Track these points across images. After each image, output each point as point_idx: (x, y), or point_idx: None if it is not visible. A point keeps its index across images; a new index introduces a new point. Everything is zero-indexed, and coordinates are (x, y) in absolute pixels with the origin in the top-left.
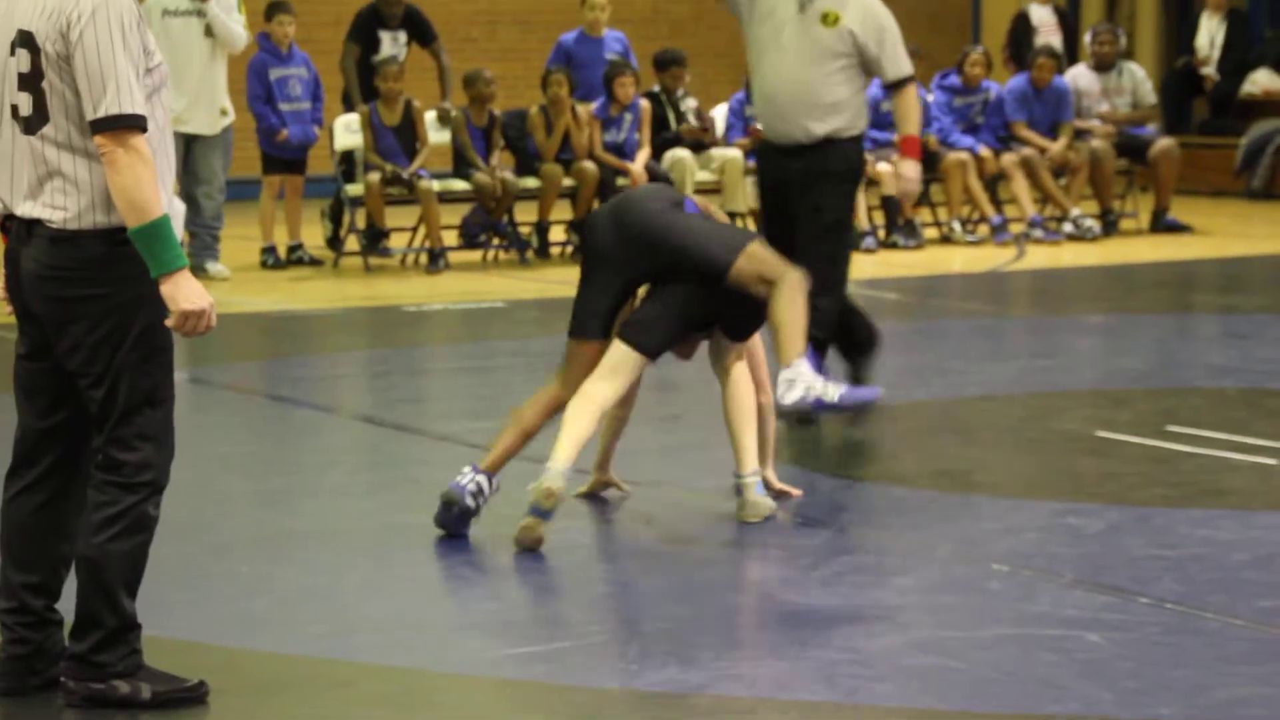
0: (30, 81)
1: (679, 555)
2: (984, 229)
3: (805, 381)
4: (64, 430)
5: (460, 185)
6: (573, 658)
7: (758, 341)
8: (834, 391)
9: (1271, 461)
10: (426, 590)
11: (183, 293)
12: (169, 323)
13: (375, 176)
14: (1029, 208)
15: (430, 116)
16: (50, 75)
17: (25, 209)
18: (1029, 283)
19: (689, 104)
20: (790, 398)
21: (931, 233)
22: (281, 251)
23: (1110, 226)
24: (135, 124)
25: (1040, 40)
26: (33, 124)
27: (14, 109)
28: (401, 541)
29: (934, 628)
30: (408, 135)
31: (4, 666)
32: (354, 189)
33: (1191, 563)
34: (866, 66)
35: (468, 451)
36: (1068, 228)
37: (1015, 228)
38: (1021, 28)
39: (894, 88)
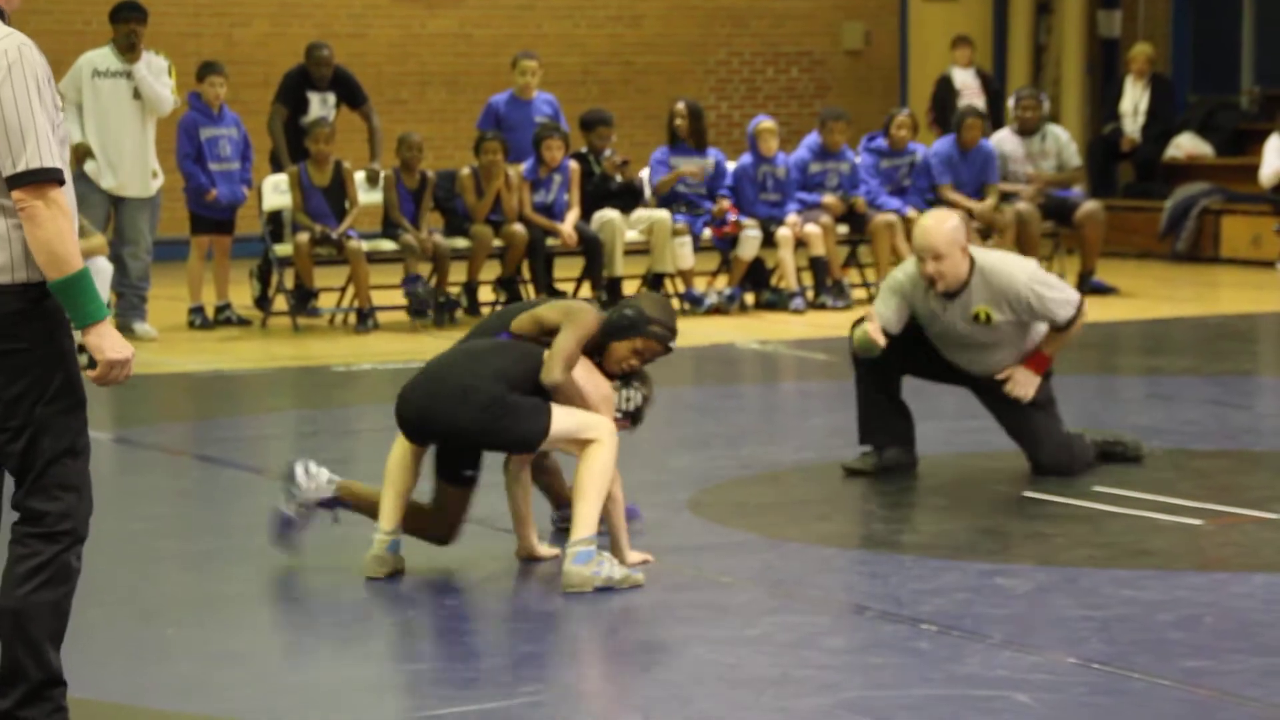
0: None
1: (606, 615)
2: None
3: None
4: None
5: (389, 245)
6: (500, 719)
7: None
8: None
9: (1196, 522)
10: (353, 651)
11: (108, 342)
12: (93, 374)
13: (304, 237)
14: None
15: (360, 177)
16: None
17: None
18: None
19: (607, 153)
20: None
21: (860, 293)
22: (209, 312)
23: None
24: (54, 177)
25: (963, 103)
26: None
27: None
28: (329, 603)
29: (863, 688)
30: (337, 196)
31: None
32: (282, 249)
33: (1118, 623)
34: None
35: None
36: None
37: None
38: (944, 91)
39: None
